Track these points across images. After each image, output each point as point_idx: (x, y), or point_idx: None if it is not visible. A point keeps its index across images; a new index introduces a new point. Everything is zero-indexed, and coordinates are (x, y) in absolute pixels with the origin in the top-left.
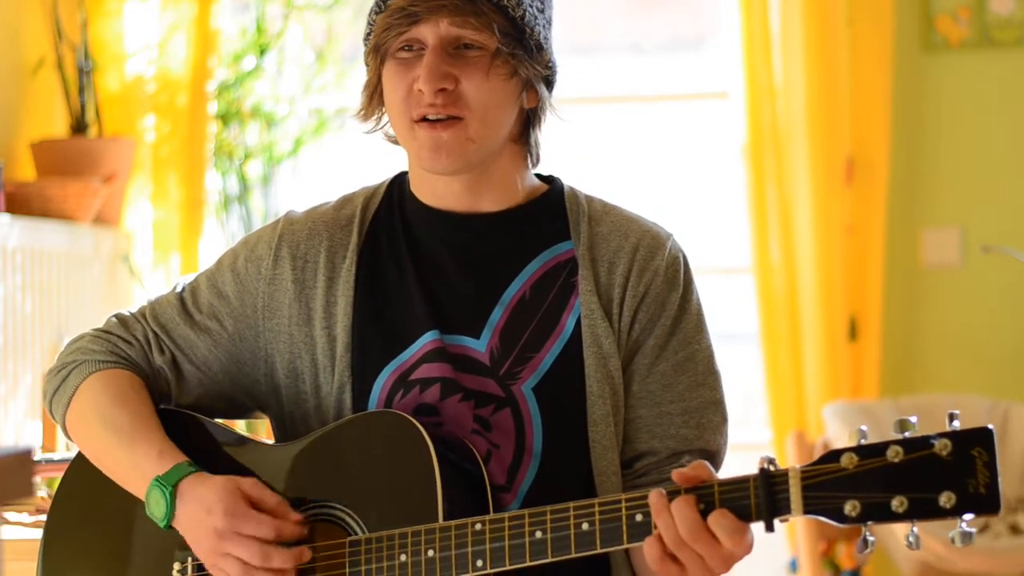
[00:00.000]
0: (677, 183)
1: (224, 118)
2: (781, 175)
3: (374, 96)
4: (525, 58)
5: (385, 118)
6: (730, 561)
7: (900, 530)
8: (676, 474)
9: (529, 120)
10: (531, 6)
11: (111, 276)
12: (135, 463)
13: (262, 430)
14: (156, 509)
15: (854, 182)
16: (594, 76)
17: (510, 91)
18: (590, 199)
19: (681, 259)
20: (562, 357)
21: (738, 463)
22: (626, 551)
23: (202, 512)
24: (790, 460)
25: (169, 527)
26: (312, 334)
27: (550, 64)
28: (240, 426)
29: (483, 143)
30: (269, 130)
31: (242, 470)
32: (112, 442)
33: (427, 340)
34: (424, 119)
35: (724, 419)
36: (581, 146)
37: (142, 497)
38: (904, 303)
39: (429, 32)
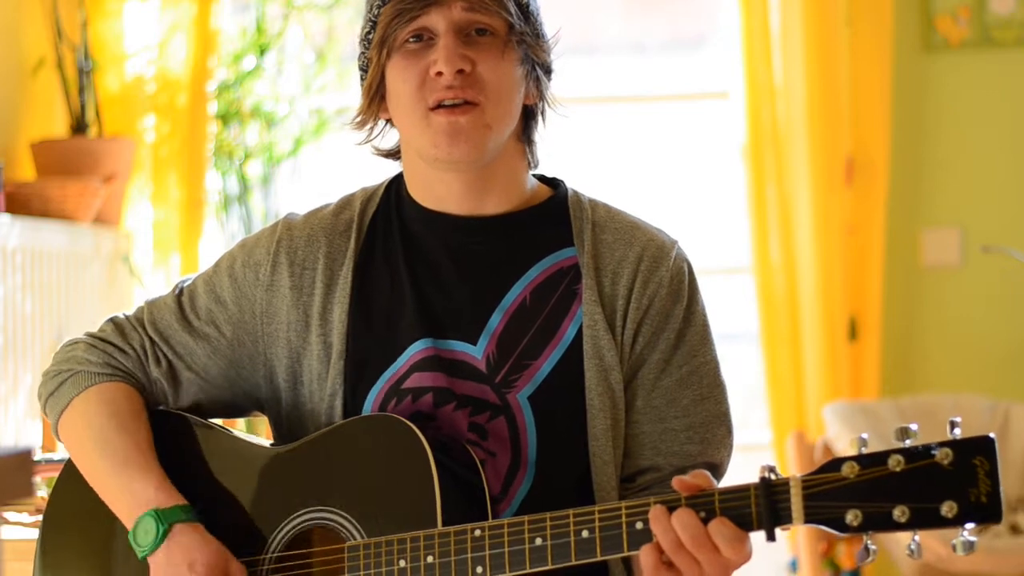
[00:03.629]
0: (677, 183)
1: (224, 118)
2: (781, 175)
3: (375, 97)
4: (533, 43)
5: (379, 127)
6: (728, 570)
7: (902, 536)
8: (676, 481)
9: (529, 117)
10: None
11: (111, 276)
12: (129, 489)
13: (262, 429)
14: (143, 538)
15: (854, 182)
16: (594, 76)
17: (519, 78)
18: (594, 204)
19: (686, 268)
20: (560, 366)
21: (737, 463)
22: (624, 559)
23: (183, 563)
24: (790, 460)
25: (144, 559)
26: (309, 340)
27: (549, 53)
28: (240, 424)
29: (498, 130)
30: (269, 130)
31: (237, 475)
32: (105, 464)
33: (417, 349)
34: (440, 106)
35: (729, 431)
36: (581, 146)
37: (124, 520)
38: (904, 303)
39: (440, 18)
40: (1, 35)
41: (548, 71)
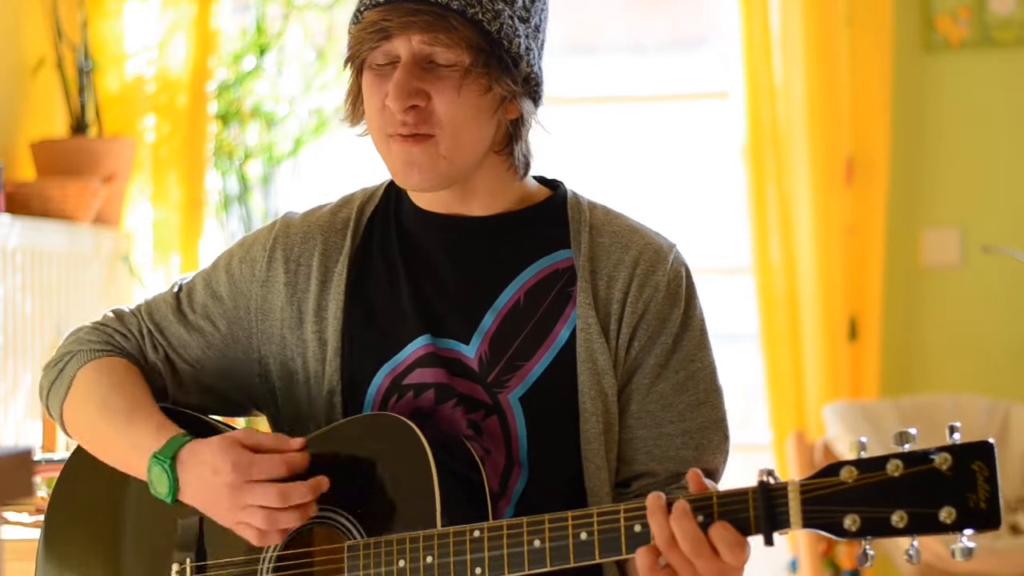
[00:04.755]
0: (677, 183)
1: (224, 118)
2: (781, 175)
3: (357, 104)
4: (500, 73)
5: None
6: (723, 574)
7: (901, 540)
8: (692, 473)
9: (514, 130)
10: (511, 17)
11: (111, 276)
12: (133, 443)
13: (262, 427)
14: (160, 485)
15: (854, 182)
16: (594, 76)
17: (484, 106)
18: (593, 206)
19: (683, 272)
20: (552, 368)
21: (737, 464)
22: (618, 562)
23: (209, 475)
24: (790, 460)
25: (176, 501)
26: (304, 337)
27: (532, 76)
28: (240, 423)
29: (455, 160)
30: (269, 130)
31: None
32: (110, 425)
33: (420, 344)
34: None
35: (725, 437)
36: (581, 146)
37: (143, 478)
38: (904, 303)
39: (401, 46)
40: (1, 35)
41: (532, 90)
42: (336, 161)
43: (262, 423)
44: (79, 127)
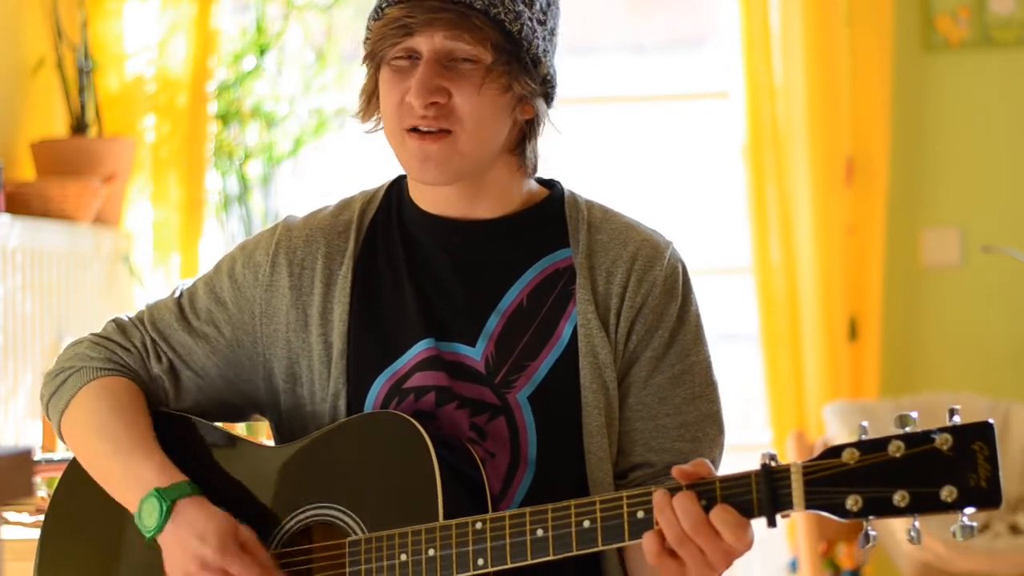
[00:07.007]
0: (677, 183)
1: (224, 118)
2: (781, 175)
3: (372, 100)
4: (520, 73)
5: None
6: (730, 557)
7: (900, 528)
8: (676, 471)
9: (527, 130)
10: (530, 19)
11: (111, 276)
12: (131, 473)
13: (262, 432)
14: (148, 519)
15: (854, 182)
16: (594, 76)
17: (503, 105)
18: (590, 205)
19: (680, 268)
20: (558, 366)
21: (738, 464)
22: (619, 551)
23: (192, 537)
24: (790, 460)
25: (152, 540)
26: (309, 340)
27: (548, 78)
28: (240, 428)
29: (472, 156)
30: (269, 130)
31: (239, 473)
32: (107, 452)
33: (421, 348)
34: (415, 129)
35: (720, 431)
36: (581, 146)
37: (129, 505)
38: (904, 303)
39: (424, 43)
40: (1, 35)
41: (547, 91)
42: (336, 161)
43: (263, 427)
44: (79, 127)
